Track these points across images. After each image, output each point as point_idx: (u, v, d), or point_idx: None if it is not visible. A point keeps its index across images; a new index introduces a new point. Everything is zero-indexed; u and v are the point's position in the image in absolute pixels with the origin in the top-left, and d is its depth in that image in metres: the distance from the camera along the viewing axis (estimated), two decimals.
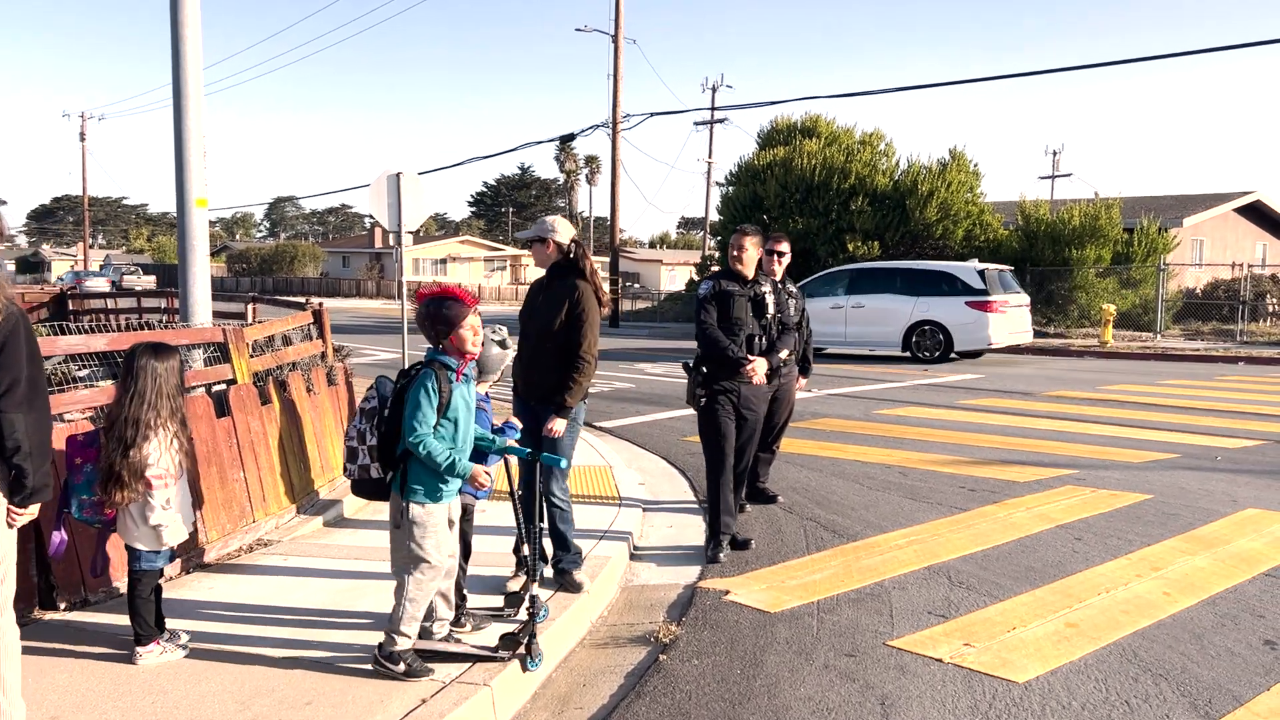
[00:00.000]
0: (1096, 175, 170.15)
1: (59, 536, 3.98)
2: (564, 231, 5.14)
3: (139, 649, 3.92)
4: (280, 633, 4.27)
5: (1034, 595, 5.09)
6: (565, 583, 4.97)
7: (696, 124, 49.55)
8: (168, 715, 3.49)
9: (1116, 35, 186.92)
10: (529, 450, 4.34)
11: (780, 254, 6.88)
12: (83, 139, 60.05)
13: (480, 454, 4.20)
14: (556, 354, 5.02)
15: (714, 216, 39.22)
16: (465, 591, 4.47)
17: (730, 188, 32.66)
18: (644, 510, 6.90)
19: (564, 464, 4.61)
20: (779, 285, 6.67)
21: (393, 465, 3.82)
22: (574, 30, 34.35)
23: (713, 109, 47.44)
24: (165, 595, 4.21)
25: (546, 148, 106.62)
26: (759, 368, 5.84)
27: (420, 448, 3.68)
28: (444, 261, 69.98)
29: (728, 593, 5.21)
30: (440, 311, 3.79)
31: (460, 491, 4.03)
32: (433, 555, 3.80)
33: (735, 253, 5.98)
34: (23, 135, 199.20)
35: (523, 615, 4.23)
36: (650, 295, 51.78)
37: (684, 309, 38.52)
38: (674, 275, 66.56)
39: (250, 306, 12.49)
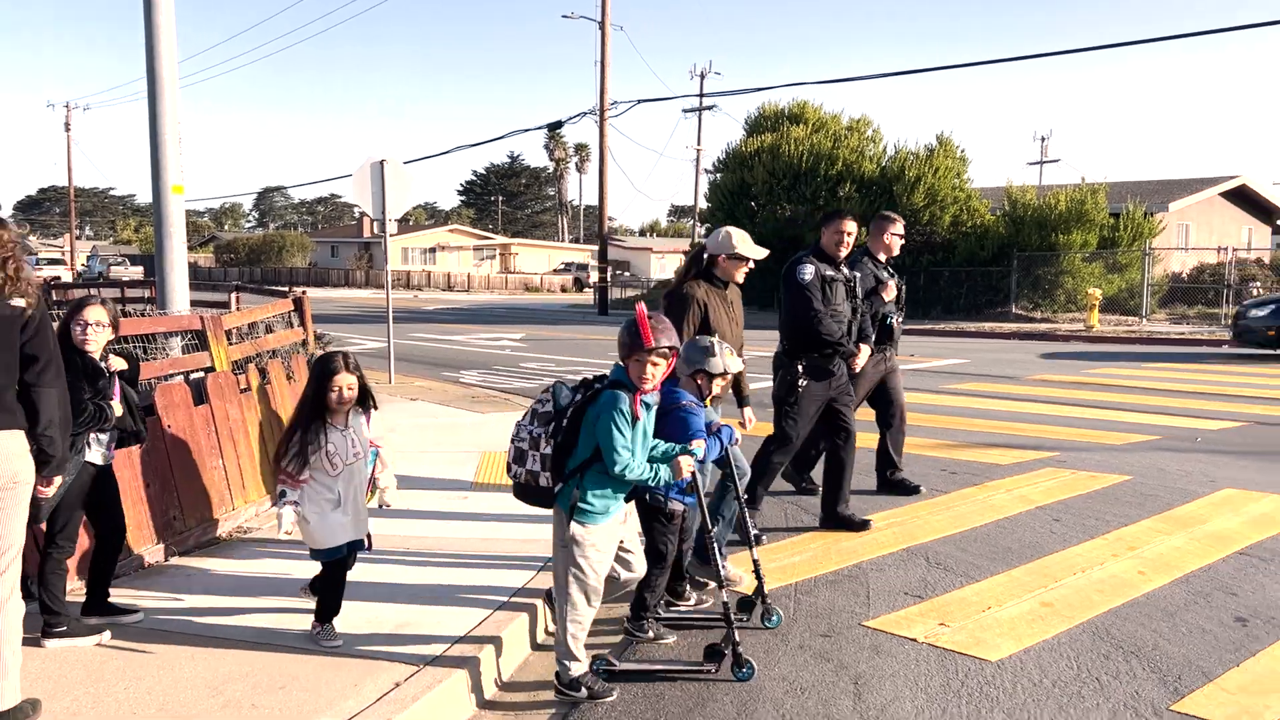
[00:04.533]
0: (1084, 160, 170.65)
1: None
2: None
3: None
4: (256, 619, 4.27)
5: (1010, 575, 5.13)
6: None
7: (685, 111, 49.51)
8: (139, 701, 3.49)
9: (1106, 20, 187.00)
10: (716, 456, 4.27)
11: (899, 235, 6.73)
12: (68, 129, 59.75)
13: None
14: None
15: (703, 204, 39.15)
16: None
17: (718, 175, 32.67)
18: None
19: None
20: (881, 266, 6.73)
21: (561, 478, 3.75)
22: (560, 18, 34.13)
23: (701, 96, 47.36)
24: (143, 580, 4.21)
25: (536, 136, 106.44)
26: (861, 358, 5.97)
27: (627, 472, 3.63)
28: (433, 250, 69.79)
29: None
30: (623, 336, 3.78)
31: (669, 497, 4.16)
32: (590, 577, 3.75)
33: (839, 237, 5.84)
34: (7, 126, 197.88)
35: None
36: (640, 283, 51.73)
37: None
38: (664, 263, 66.48)
39: (234, 295, 12.44)
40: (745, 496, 4.80)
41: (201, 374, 5.93)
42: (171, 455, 5.20)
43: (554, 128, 42.79)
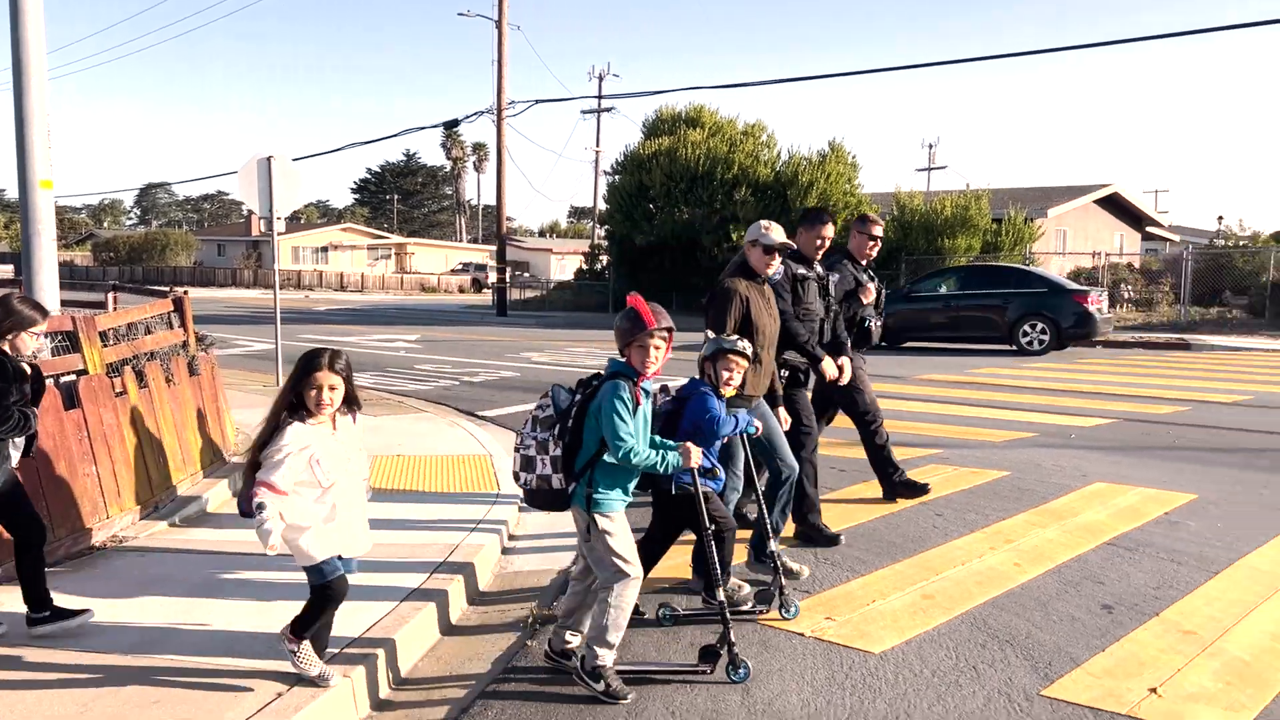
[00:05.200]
0: (970, 167, 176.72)
1: None
2: None
3: None
4: (130, 635, 4.11)
5: (894, 569, 5.28)
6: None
7: (584, 112, 49.54)
8: None
9: (993, 32, 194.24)
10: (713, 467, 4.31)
11: (878, 237, 6.67)
12: None
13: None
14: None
15: (602, 206, 39.22)
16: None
17: (617, 176, 32.75)
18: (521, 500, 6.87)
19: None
20: (860, 268, 6.63)
21: (574, 477, 3.79)
22: (457, 15, 33.71)
23: (599, 97, 47.44)
24: (6, 594, 4.00)
25: (433, 135, 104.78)
26: (830, 370, 5.83)
27: (632, 456, 3.68)
28: (325, 250, 68.14)
29: None
30: (621, 324, 3.82)
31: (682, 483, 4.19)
32: (632, 560, 3.81)
33: (819, 241, 5.83)
34: None
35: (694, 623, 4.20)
36: (540, 284, 51.49)
37: (574, 297, 38.50)
38: (564, 264, 66.31)
39: (111, 295, 11.91)
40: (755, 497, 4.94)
41: (73, 377, 5.66)
42: (39, 462, 4.96)
43: (450, 126, 42.28)
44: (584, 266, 41.02)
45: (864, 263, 6.72)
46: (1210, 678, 3.87)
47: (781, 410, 5.41)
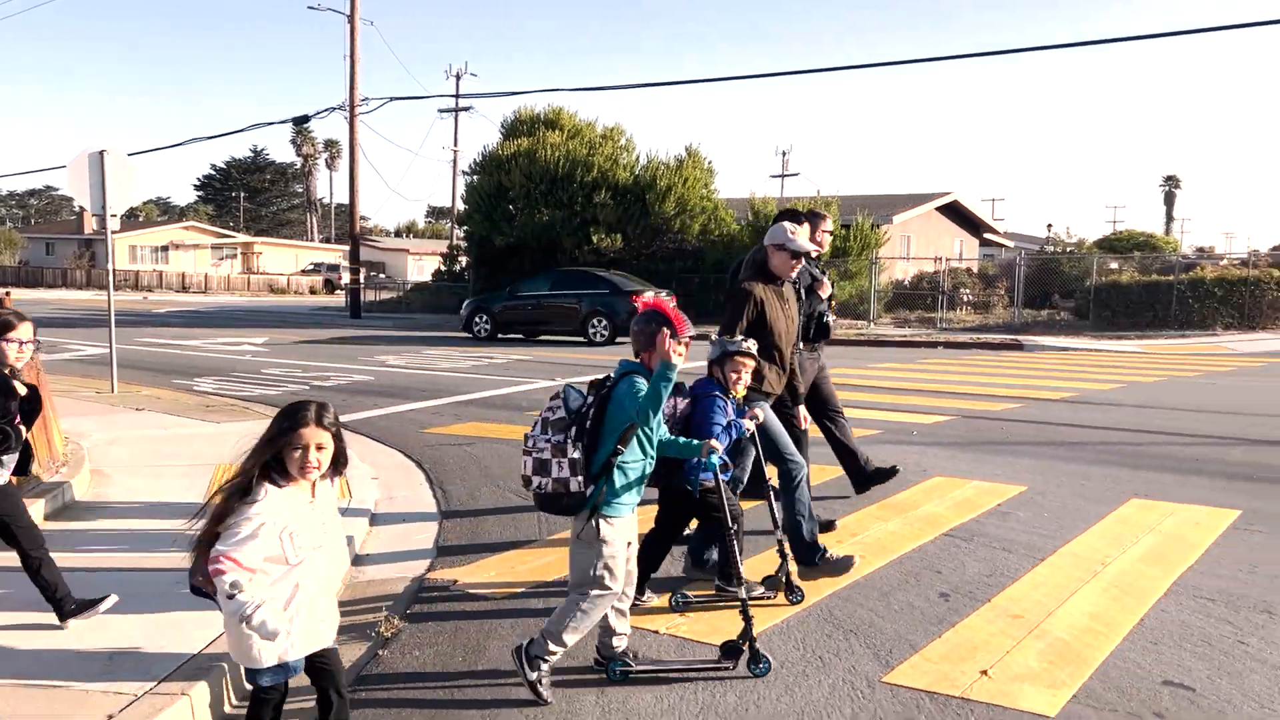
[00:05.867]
0: (821, 174, 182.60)
1: None
2: None
3: None
4: None
5: (746, 565, 5.39)
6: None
7: (441, 111, 48.81)
8: None
9: (842, 42, 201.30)
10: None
11: (830, 232, 6.48)
12: None
13: (675, 464, 4.38)
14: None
15: (460, 206, 38.68)
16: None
17: (475, 177, 32.37)
18: (375, 505, 6.72)
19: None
20: (814, 263, 6.47)
21: (592, 479, 3.74)
22: (307, 8, 32.65)
23: (457, 96, 46.86)
24: None
25: (282, 130, 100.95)
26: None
27: (655, 429, 3.79)
28: (166, 249, 64.81)
29: (455, 582, 5.18)
30: (646, 327, 3.82)
31: (691, 479, 4.37)
32: (617, 575, 3.79)
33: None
34: None
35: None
36: (396, 285, 50.38)
37: (432, 298, 37.84)
38: (421, 265, 65.10)
39: None
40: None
41: None
42: None
43: (300, 122, 40.95)
44: (442, 267, 40.38)
45: (815, 256, 6.77)
46: (1035, 658, 4.13)
47: (801, 409, 5.57)
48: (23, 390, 4.08)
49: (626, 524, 3.85)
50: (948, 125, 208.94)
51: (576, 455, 3.71)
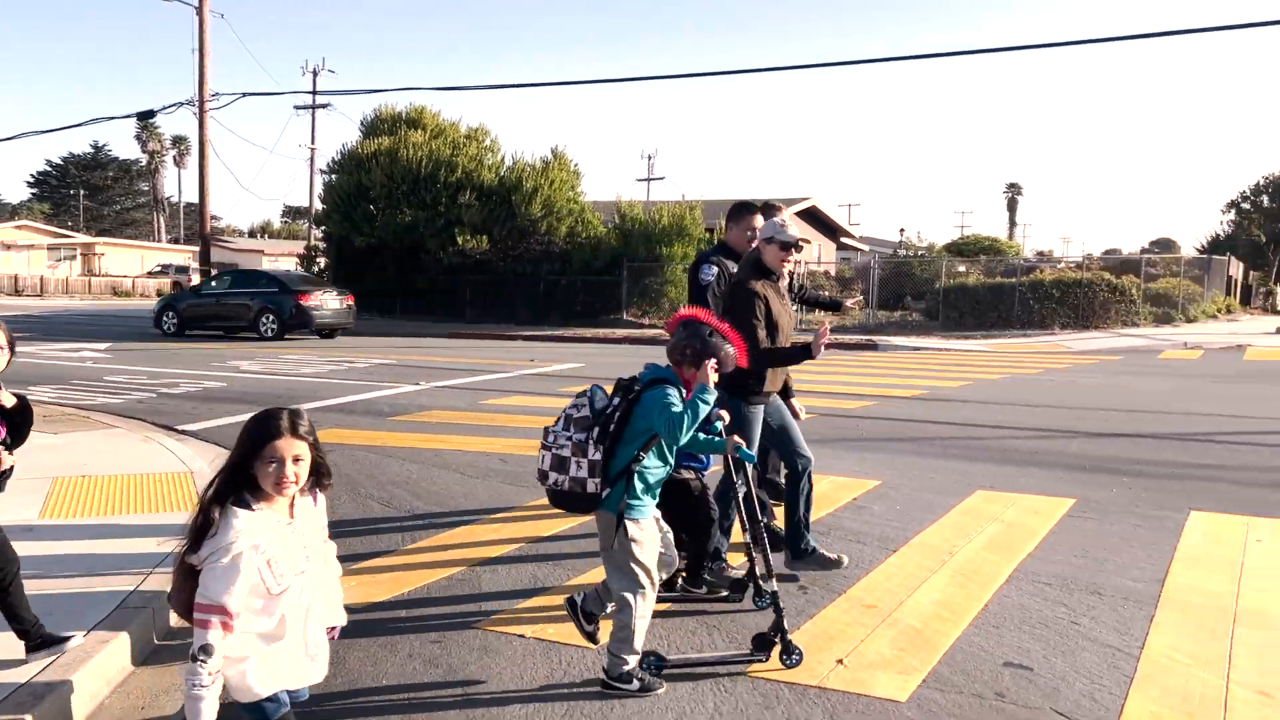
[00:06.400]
0: (687, 179, 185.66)
1: None
2: None
3: None
4: None
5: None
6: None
7: (297, 108, 47.41)
8: None
9: (705, 48, 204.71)
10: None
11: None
12: None
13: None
14: None
15: (318, 206, 37.56)
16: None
17: (334, 176, 31.51)
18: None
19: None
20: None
21: (610, 482, 3.77)
22: None
23: (314, 93, 45.56)
24: None
25: (126, 126, 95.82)
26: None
27: (683, 420, 3.71)
28: None
29: None
30: (694, 344, 3.87)
31: (683, 466, 4.51)
32: (652, 570, 3.86)
33: (751, 234, 5.69)
34: None
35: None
36: None
37: None
38: (278, 266, 62.83)
39: None
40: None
41: None
42: None
43: (145, 117, 39.06)
44: (300, 269, 39.12)
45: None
46: (888, 645, 4.30)
47: (795, 401, 5.62)
48: (9, 401, 3.66)
49: (650, 522, 3.93)
50: (808, 132, 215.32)
51: (597, 456, 3.75)
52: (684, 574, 4.90)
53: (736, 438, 4.19)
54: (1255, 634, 4.45)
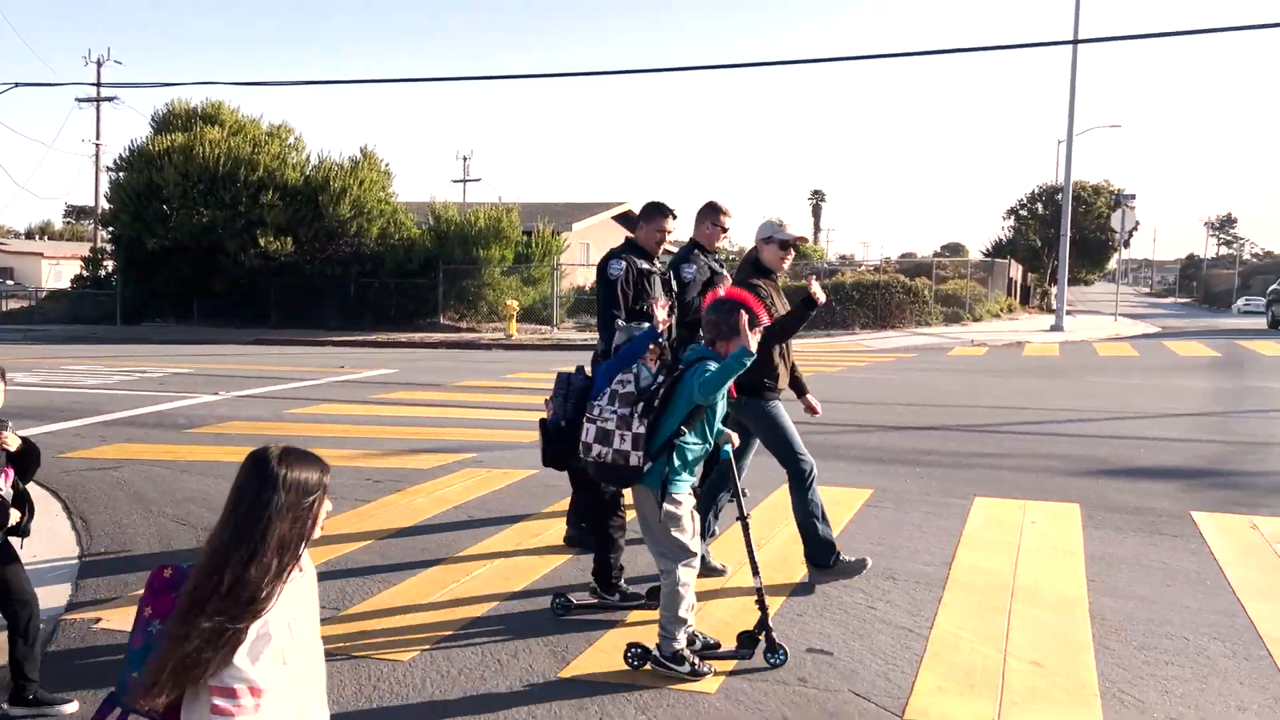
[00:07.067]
0: (504, 181, 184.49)
1: None
2: None
3: None
4: None
5: (427, 574, 5.35)
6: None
7: (80, 100, 43.99)
8: None
9: (523, 50, 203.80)
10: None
11: (728, 228, 6.07)
12: None
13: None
14: None
15: (105, 205, 35.00)
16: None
17: (122, 174, 29.46)
18: None
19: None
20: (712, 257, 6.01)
21: (651, 456, 3.83)
22: None
23: (99, 85, 42.39)
24: None
25: None
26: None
27: (716, 379, 3.77)
28: None
29: (99, 620, 4.69)
30: (729, 318, 3.89)
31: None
32: (693, 543, 3.96)
33: (660, 235, 5.63)
34: None
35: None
36: (28, 292, 44.60)
37: (71, 308, 33.93)
38: (59, 270, 58.10)
39: None
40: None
41: None
42: None
43: None
44: (84, 273, 36.26)
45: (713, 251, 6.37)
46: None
47: (810, 397, 5.55)
48: (13, 444, 3.57)
49: (688, 496, 4.01)
50: (624, 137, 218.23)
51: (641, 430, 3.82)
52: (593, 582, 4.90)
53: (730, 433, 4.23)
54: (1030, 609, 4.84)
